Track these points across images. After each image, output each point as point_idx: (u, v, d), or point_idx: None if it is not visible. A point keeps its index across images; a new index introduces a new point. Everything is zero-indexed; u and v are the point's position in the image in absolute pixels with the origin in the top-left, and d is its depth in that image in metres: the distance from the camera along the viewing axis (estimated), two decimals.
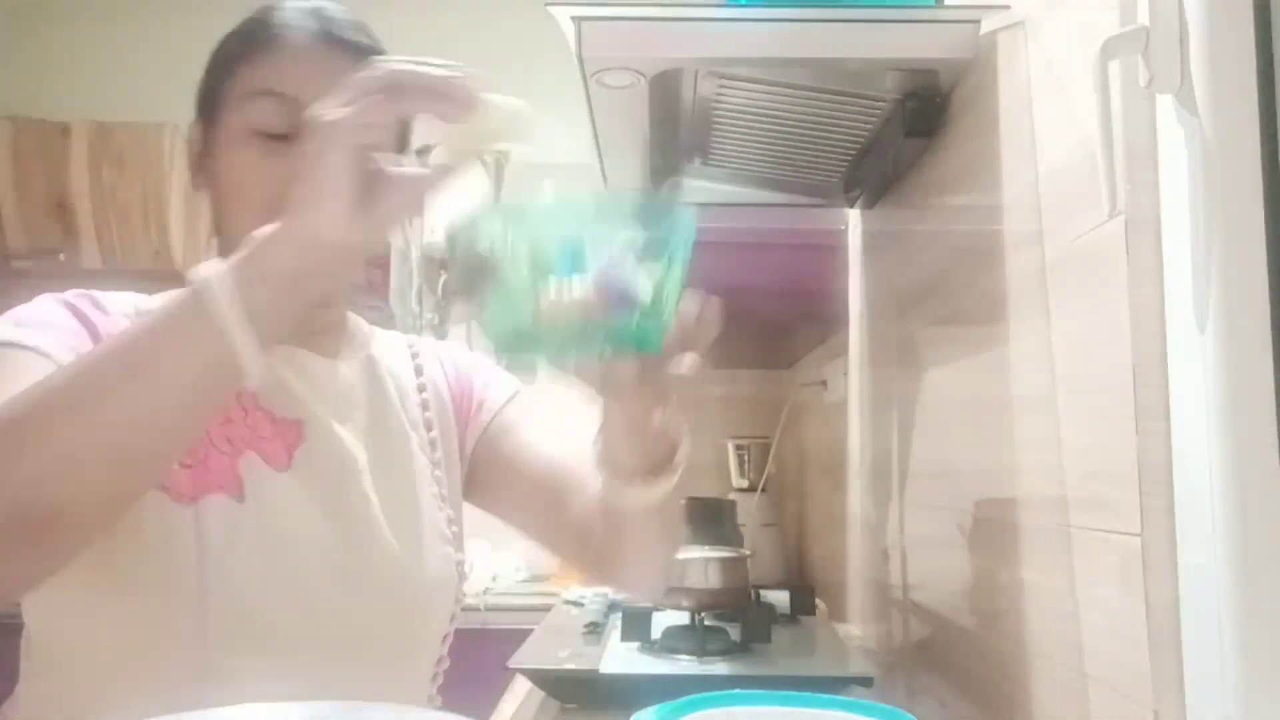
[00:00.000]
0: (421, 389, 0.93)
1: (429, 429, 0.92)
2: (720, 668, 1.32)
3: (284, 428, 0.80)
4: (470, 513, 0.97)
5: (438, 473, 0.90)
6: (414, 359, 0.95)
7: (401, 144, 0.82)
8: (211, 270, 0.59)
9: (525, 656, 1.34)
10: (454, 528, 0.91)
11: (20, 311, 0.75)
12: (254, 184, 0.75)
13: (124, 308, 0.80)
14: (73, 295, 0.79)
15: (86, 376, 0.60)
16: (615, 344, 0.65)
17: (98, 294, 0.80)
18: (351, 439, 0.83)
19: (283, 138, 0.74)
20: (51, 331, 0.73)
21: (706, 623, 1.44)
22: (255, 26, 0.78)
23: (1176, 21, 0.70)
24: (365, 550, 0.81)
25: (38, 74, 2.92)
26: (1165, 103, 0.71)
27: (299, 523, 0.78)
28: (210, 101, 0.80)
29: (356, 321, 0.92)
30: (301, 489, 0.79)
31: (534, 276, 0.64)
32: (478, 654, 1.13)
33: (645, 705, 0.79)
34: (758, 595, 1.75)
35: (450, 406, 0.95)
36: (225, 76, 0.78)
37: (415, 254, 2.62)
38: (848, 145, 1.33)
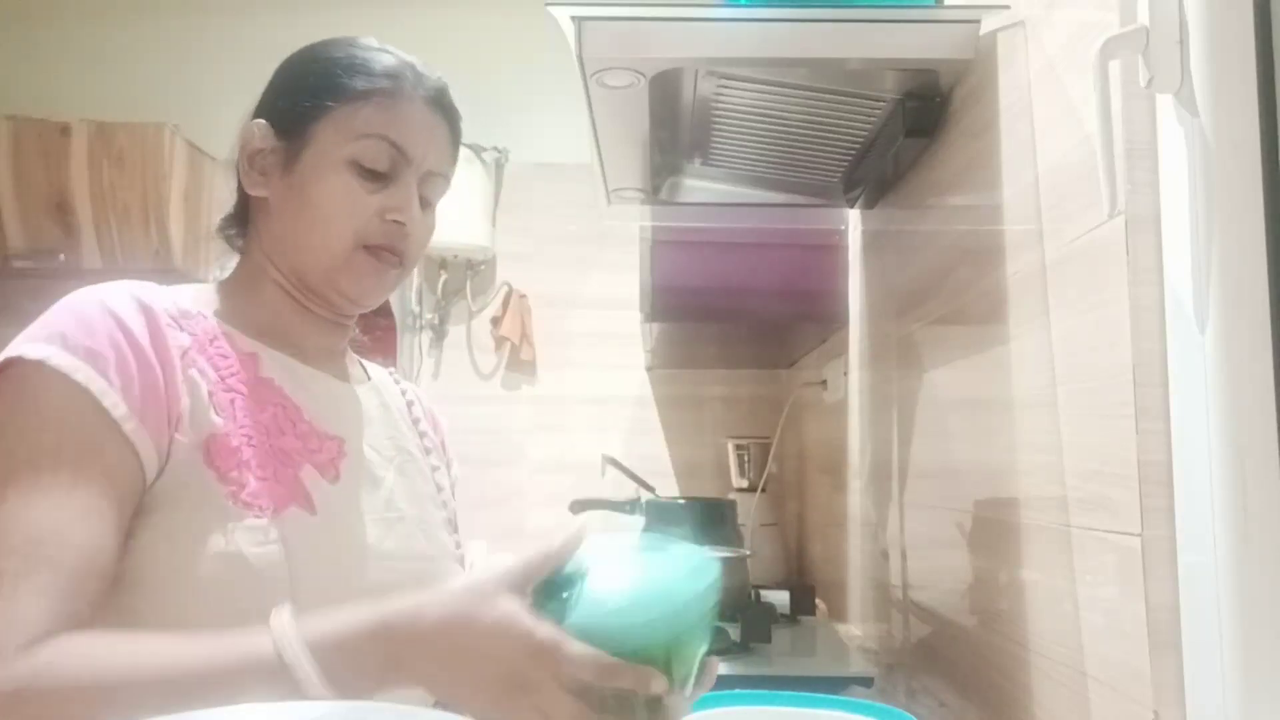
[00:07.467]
0: (416, 421, 0.99)
1: (423, 438, 0.98)
2: (720, 668, 1.31)
3: (328, 442, 0.83)
4: (469, 515, 1.03)
5: (438, 476, 0.97)
6: (404, 394, 1.00)
7: None
8: (294, 642, 0.61)
9: None
10: (453, 523, 0.98)
11: (66, 322, 0.71)
12: (346, 210, 0.81)
13: (167, 306, 0.78)
14: (118, 299, 0.74)
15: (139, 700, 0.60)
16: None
17: (146, 295, 0.76)
18: (377, 455, 0.88)
19: (381, 175, 0.81)
20: (98, 361, 0.70)
21: None
22: (362, 69, 0.82)
23: (1176, 21, 0.70)
24: (408, 555, 0.85)
25: (38, 74, 2.92)
26: (1165, 103, 0.71)
27: (357, 533, 0.81)
28: (299, 119, 0.82)
29: (350, 354, 0.97)
30: (350, 501, 0.82)
31: None
32: None
33: None
34: (758, 595, 1.75)
35: (434, 434, 1.01)
36: (326, 105, 0.81)
37: None
38: (848, 145, 1.33)
